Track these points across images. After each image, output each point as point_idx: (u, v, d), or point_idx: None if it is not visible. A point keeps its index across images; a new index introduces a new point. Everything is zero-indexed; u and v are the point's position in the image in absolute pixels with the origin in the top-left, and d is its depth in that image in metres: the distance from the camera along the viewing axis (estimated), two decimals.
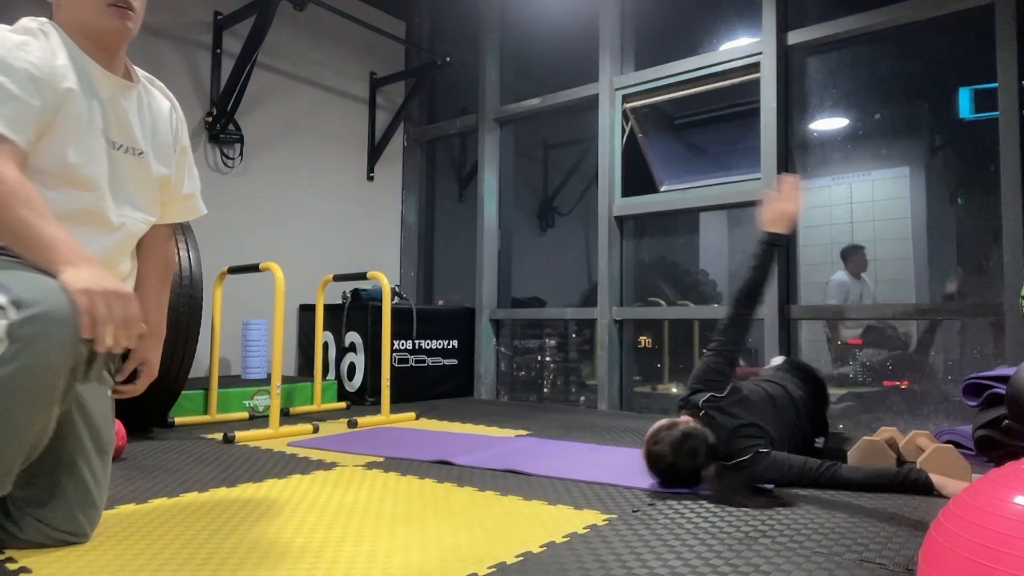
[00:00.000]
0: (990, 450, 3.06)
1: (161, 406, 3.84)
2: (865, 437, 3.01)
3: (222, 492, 2.52)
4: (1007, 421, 2.90)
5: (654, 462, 2.57)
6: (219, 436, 3.70)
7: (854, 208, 4.51)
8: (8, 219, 1.57)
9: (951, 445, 2.81)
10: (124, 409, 1.83)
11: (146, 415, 3.76)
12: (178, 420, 4.05)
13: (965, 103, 4.07)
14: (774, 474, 2.58)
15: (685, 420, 2.58)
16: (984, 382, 3.15)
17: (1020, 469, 1.32)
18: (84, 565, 1.73)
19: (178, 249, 3.71)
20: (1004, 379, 2.98)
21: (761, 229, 2.83)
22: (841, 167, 4.54)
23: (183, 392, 4.05)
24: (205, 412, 4.27)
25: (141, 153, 2.00)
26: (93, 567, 1.72)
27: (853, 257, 4.59)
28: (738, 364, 2.81)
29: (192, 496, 2.45)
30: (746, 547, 1.91)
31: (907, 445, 3.08)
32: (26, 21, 1.80)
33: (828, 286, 4.67)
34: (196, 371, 4.72)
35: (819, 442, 3.26)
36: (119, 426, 2.99)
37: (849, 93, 4.47)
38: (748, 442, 2.59)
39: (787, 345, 4.39)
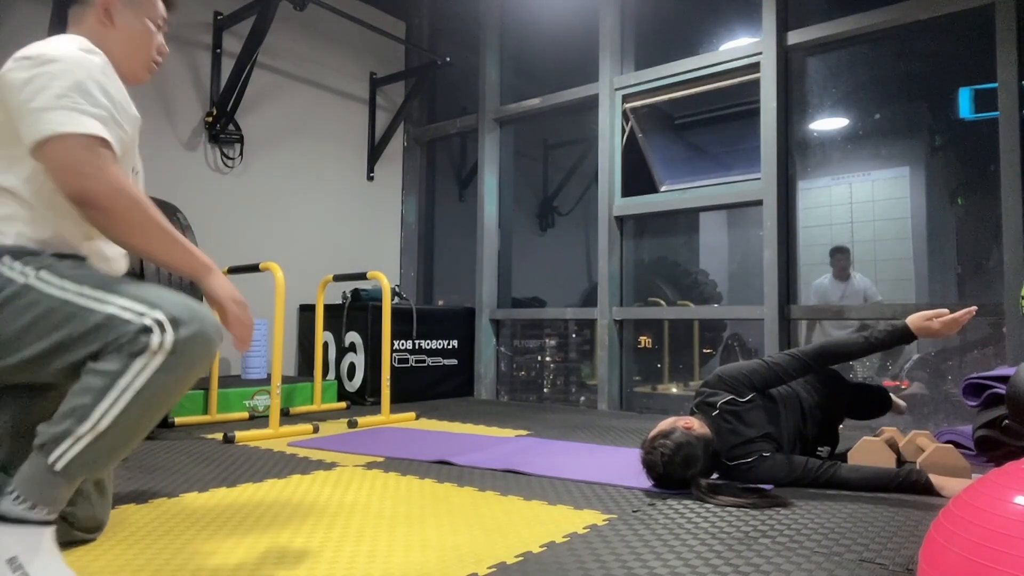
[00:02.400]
0: (990, 450, 3.05)
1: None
2: (865, 437, 3.01)
3: (222, 492, 2.52)
4: (1007, 421, 2.90)
5: (648, 469, 2.57)
6: (219, 436, 3.70)
7: (854, 208, 4.51)
8: (154, 228, 1.71)
9: (951, 445, 2.81)
10: None
11: None
12: (178, 420, 4.05)
13: (965, 103, 4.07)
14: (774, 475, 2.58)
15: (686, 425, 2.56)
16: (984, 382, 3.15)
17: (1020, 469, 1.32)
18: (84, 565, 1.73)
19: None
20: (1004, 379, 2.98)
21: (909, 322, 2.72)
22: (841, 167, 4.55)
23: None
24: (205, 412, 4.27)
25: (137, 172, 2.04)
26: (93, 567, 1.72)
27: (835, 258, 4.62)
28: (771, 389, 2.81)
29: (192, 496, 2.45)
30: (746, 547, 1.91)
31: (907, 445, 3.08)
32: (84, 43, 1.80)
33: (810, 290, 4.72)
34: None
35: (823, 451, 3.25)
36: None
37: (849, 93, 4.47)
38: (755, 447, 2.59)
39: (787, 345, 4.39)
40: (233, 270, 4.30)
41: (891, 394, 3.51)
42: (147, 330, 1.55)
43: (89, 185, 1.63)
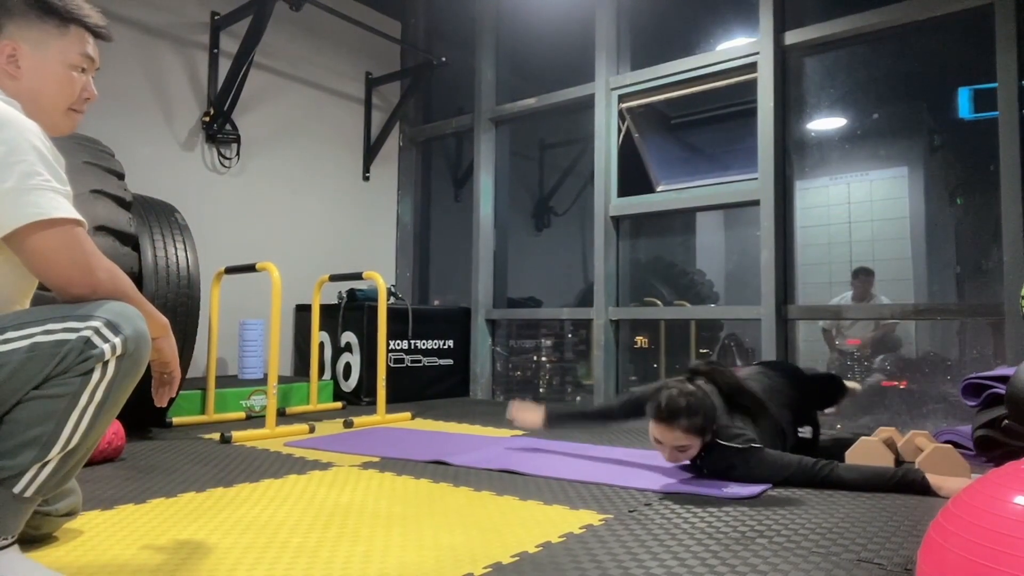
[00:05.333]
0: (989, 450, 3.05)
1: (160, 406, 3.82)
2: (863, 437, 3.01)
3: (219, 492, 2.51)
4: (1007, 421, 2.89)
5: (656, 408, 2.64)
6: (216, 436, 3.69)
7: (852, 208, 4.50)
8: (124, 297, 1.66)
9: (950, 445, 2.80)
10: (124, 410, 1.84)
11: (145, 415, 3.76)
12: (176, 420, 4.04)
13: (964, 103, 4.06)
14: (769, 471, 2.58)
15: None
16: (983, 382, 3.15)
17: (1020, 469, 1.32)
18: (84, 565, 1.73)
19: (175, 249, 3.72)
20: (1004, 379, 2.98)
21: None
22: (839, 167, 4.54)
23: (181, 392, 4.04)
24: (202, 412, 4.26)
25: None
26: (93, 567, 1.72)
27: (859, 279, 4.55)
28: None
29: (190, 496, 2.45)
30: (743, 547, 1.90)
31: (906, 445, 3.08)
32: (10, 101, 1.68)
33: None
34: (193, 371, 4.71)
35: (804, 432, 3.27)
36: (118, 426, 3.02)
37: (847, 93, 4.46)
38: (742, 434, 2.61)
39: (784, 345, 4.38)
40: (230, 270, 4.28)
41: (843, 379, 3.58)
42: (89, 343, 1.52)
43: (82, 277, 1.59)
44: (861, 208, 4.47)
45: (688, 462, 2.73)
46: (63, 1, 1.75)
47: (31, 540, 1.87)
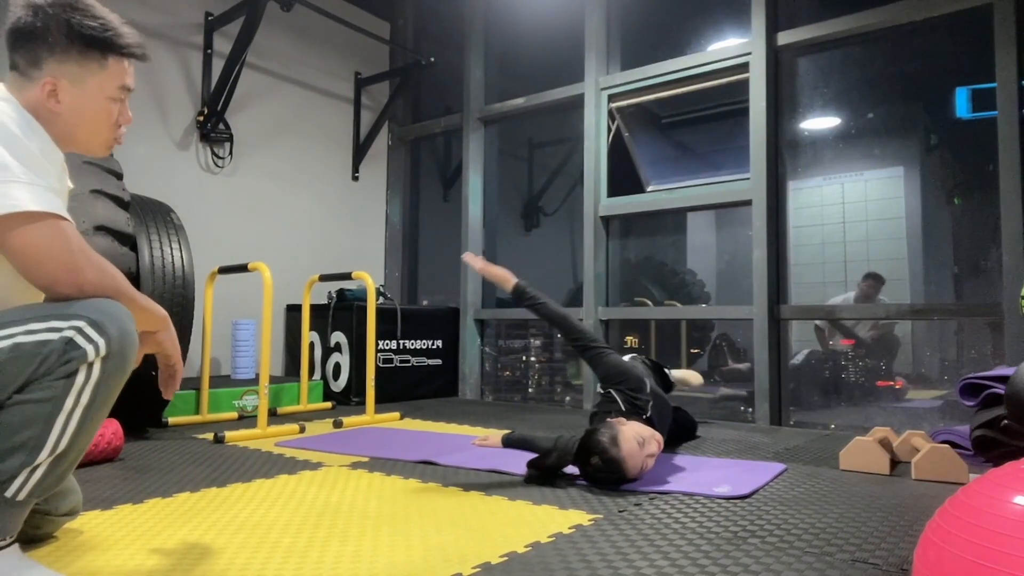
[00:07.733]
0: (988, 450, 3.04)
1: (156, 406, 3.85)
2: (857, 437, 3.00)
3: (213, 492, 2.51)
4: (1006, 421, 2.88)
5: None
6: (210, 436, 3.68)
7: (847, 208, 4.48)
8: (116, 295, 1.62)
9: (947, 445, 2.79)
10: (122, 410, 1.83)
11: (142, 416, 3.77)
12: (171, 420, 4.04)
13: (962, 103, 4.06)
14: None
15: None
16: (982, 382, 3.14)
17: (1019, 469, 1.30)
18: (84, 565, 1.73)
19: (171, 249, 3.73)
20: (1002, 379, 2.97)
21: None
22: (833, 167, 4.52)
23: (176, 392, 4.03)
24: (197, 412, 4.25)
25: None
26: (92, 568, 1.71)
27: (866, 283, 4.52)
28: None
29: (185, 496, 2.44)
30: (735, 547, 1.89)
31: (902, 445, 3.06)
32: (13, 103, 1.65)
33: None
34: (188, 371, 4.69)
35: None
36: (117, 426, 3.04)
37: (841, 93, 4.45)
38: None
39: (777, 345, 4.37)
40: (223, 270, 4.28)
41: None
42: (72, 343, 1.48)
43: (67, 275, 1.55)
44: (856, 208, 4.46)
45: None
46: (103, 34, 1.72)
47: (31, 540, 1.88)
